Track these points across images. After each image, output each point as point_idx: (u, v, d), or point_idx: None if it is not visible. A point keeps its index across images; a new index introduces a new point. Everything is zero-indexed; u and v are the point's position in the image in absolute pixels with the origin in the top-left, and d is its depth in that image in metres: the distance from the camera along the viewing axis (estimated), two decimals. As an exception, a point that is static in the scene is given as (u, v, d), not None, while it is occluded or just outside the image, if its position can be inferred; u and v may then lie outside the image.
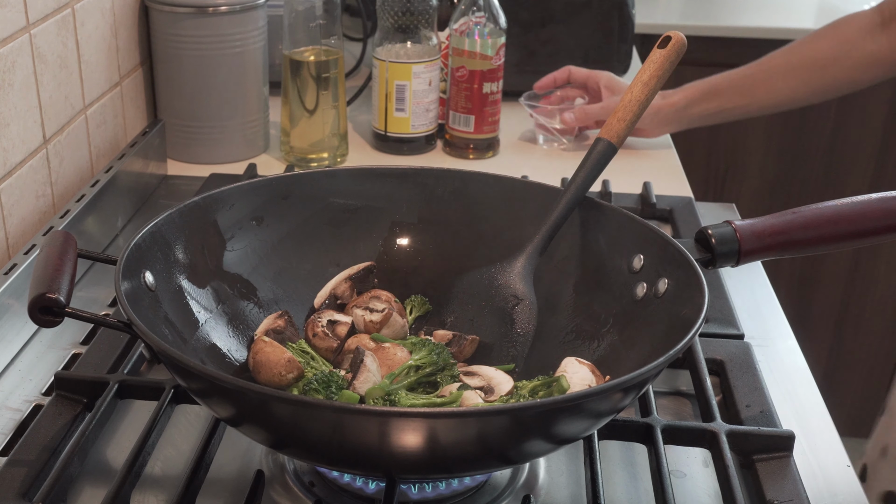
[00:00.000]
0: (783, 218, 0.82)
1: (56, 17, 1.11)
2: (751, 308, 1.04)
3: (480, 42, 1.35)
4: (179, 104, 1.36)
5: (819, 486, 0.79)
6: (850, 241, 0.83)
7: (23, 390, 0.88)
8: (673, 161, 1.44)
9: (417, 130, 1.41)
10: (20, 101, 1.04)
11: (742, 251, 0.80)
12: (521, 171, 1.33)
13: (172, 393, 0.81)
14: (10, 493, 0.72)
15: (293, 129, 1.35)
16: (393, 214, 0.93)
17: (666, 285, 0.79)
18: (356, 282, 0.90)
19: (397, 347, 0.80)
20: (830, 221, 0.82)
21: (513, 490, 0.77)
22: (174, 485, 0.75)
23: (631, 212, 0.87)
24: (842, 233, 0.82)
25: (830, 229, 0.82)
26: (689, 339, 0.68)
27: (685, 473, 0.80)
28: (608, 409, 0.68)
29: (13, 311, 0.92)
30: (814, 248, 0.83)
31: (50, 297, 0.67)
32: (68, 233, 0.77)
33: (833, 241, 0.82)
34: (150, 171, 1.30)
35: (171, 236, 0.82)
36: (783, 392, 0.91)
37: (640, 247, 0.83)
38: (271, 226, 0.90)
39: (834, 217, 0.82)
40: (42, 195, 1.10)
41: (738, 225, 0.81)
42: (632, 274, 0.82)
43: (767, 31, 2.13)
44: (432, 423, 0.61)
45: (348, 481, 0.75)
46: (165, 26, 1.32)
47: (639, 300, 0.81)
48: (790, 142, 2.22)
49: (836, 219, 0.82)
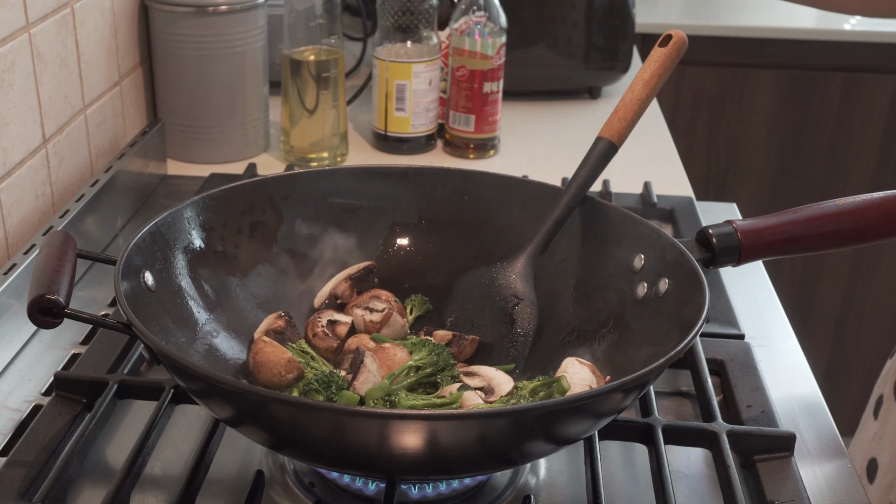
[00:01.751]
0: (784, 217, 0.82)
1: (55, 16, 1.11)
2: (751, 308, 1.04)
3: (480, 42, 1.35)
4: (179, 104, 1.36)
5: (819, 486, 0.79)
6: (851, 241, 0.83)
7: (22, 390, 0.88)
8: (673, 161, 1.44)
9: (417, 130, 1.41)
10: (20, 100, 1.04)
11: (743, 250, 0.80)
12: (522, 170, 1.33)
13: (172, 393, 0.81)
14: (10, 494, 0.72)
15: (293, 128, 1.35)
16: (393, 214, 0.93)
17: (667, 285, 0.79)
18: (356, 281, 0.89)
19: (397, 348, 0.80)
20: (832, 221, 0.82)
21: (513, 490, 0.77)
22: (174, 485, 0.75)
23: (631, 211, 0.87)
24: (843, 232, 0.82)
25: (832, 228, 0.82)
26: (689, 339, 0.68)
27: (686, 473, 0.80)
28: (609, 410, 0.68)
29: (13, 311, 0.92)
30: (815, 247, 0.82)
31: (49, 298, 0.67)
32: (67, 233, 0.77)
33: (835, 241, 0.82)
34: (150, 170, 1.30)
35: (171, 237, 0.81)
36: (784, 392, 0.90)
37: (640, 246, 0.82)
38: (271, 226, 0.89)
39: (835, 216, 0.82)
40: (42, 195, 1.10)
41: (739, 224, 0.81)
42: (633, 274, 0.82)
43: (767, 30, 2.13)
44: (433, 425, 0.61)
45: (348, 482, 0.75)
46: (165, 26, 1.32)
47: (639, 300, 0.81)
48: (790, 142, 2.22)
49: (838, 218, 0.82)
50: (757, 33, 2.14)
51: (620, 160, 0.93)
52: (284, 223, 0.90)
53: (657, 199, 1.23)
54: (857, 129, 2.20)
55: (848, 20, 2.17)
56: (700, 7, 2.31)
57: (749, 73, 2.15)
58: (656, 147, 1.49)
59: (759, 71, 2.15)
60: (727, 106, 2.19)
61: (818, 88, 2.16)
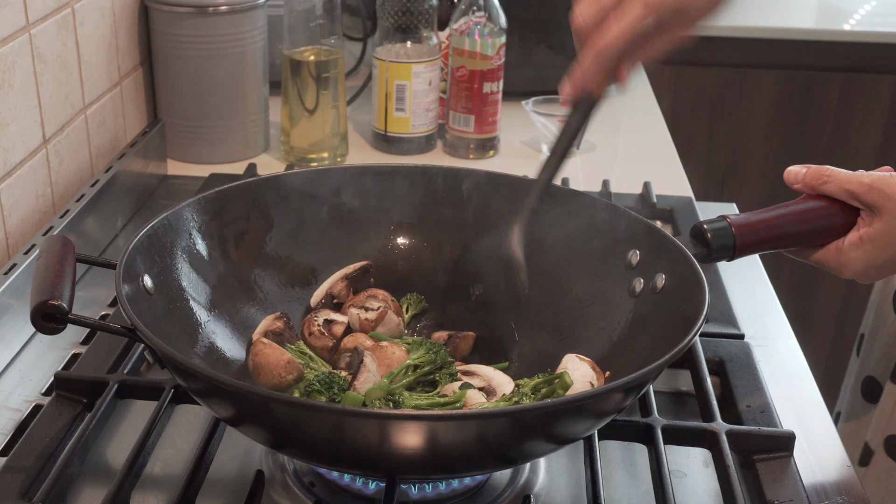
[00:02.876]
0: (777, 212, 0.82)
1: (56, 16, 1.11)
2: (751, 308, 1.04)
3: (480, 42, 1.35)
4: (179, 104, 1.36)
5: (819, 486, 0.79)
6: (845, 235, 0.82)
7: (23, 390, 0.88)
8: (673, 161, 1.44)
9: (417, 130, 1.41)
10: (20, 101, 1.04)
11: (737, 245, 0.81)
12: (521, 170, 1.33)
13: (172, 393, 0.81)
14: (10, 494, 0.72)
15: (293, 128, 1.35)
16: (392, 213, 0.93)
17: (663, 280, 0.79)
18: (353, 281, 0.89)
19: (395, 346, 0.80)
20: (824, 215, 0.82)
21: (513, 490, 0.77)
22: (174, 485, 0.75)
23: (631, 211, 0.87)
24: (837, 226, 0.82)
25: (825, 223, 0.82)
26: (689, 339, 0.68)
27: (685, 473, 0.80)
28: (609, 410, 0.68)
29: (13, 311, 0.92)
30: (809, 241, 0.82)
31: (53, 304, 0.67)
32: (66, 238, 0.77)
33: (828, 235, 0.82)
34: (150, 171, 1.30)
35: (168, 239, 0.81)
36: (783, 392, 0.91)
37: (634, 241, 0.83)
38: (270, 226, 0.89)
39: (827, 211, 0.82)
40: (42, 195, 1.10)
41: (733, 219, 0.81)
42: (629, 270, 0.83)
43: (767, 30, 2.13)
44: (433, 425, 0.61)
45: (348, 482, 0.75)
46: (165, 26, 1.32)
47: (637, 296, 0.81)
48: (790, 142, 2.22)
49: (829, 213, 0.82)
50: (757, 33, 2.13)
51: (620, 160, 0.93)
52: (283, 223, 0.90)
53: (657, 199, 1.23)
54: (856, 129, 2.20)
55: (848, 20, 2.18)
56: (700, 7, 2.31)
57: (749, 73, 2.15)
58: (656, 147, 1.49)
59: (759, 71, 2.15)
60: (727, 106, 2.19)
61: (818, 88, 2.16)
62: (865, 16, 2.22)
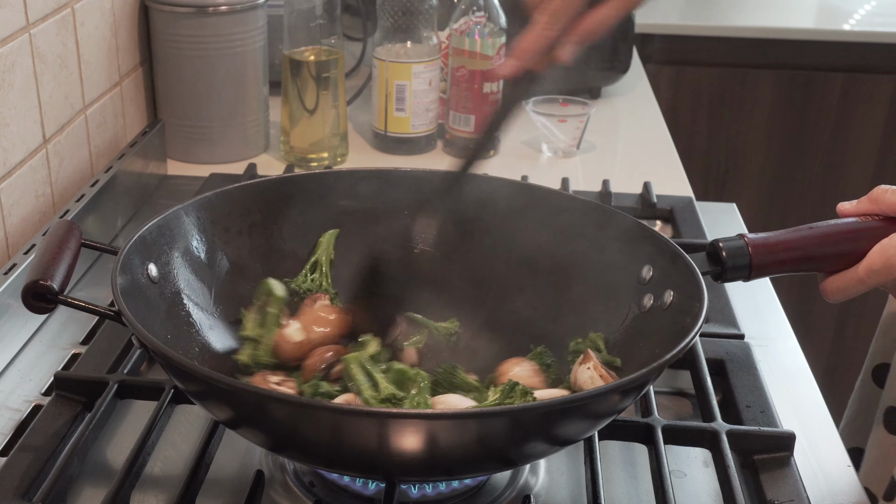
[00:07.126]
0: (798, 233, 0.78)
1: (56, 16, 1.11)
2: (751, 308, 1.04)
3: (480, 42, 1.35)
4: (179, 104, 1.36)
5: (819, 486, 0.79)
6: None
7: (22, 390, 0.88)
8: (673, 161, 1.44)
9: (417, 130, 1.41)
10: (20, 101, 1.04)
11: (753, 265, 0.77)
12: (521, 171, 1.33)
13: (172, 393, 0.81)
14: (10, 494, 0.72)
15: (293, 128, 1.35)
16: (392, 213, 0.93)
17: (672, 297, 0.78)
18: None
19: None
20: (848, 239, 0.78)
21: (513, 490, 0.77)
22: (174, 485, 0.75)
23: (631, 212, 0.86)
24: (860, 251, 0.77)
25: (848, 247, 0.77)
26: (689, 339, 0.68)
27: (685, 473, 0.80)
28: (608, 411, 0.68)
29: (13, 311, 0.92)
30: (830, 265, 0.78)
31: (43, 284, 0.67)
32: (73, 222, 0.77)
33: (850, 259, 0.77)
34: (150, 171, 1.30)
35: (168, 236, 0.81)
36: (783, 392, 0.91)
37: (649, 257, 0.81)
38: (271, 226, 0.90)
39: (852, 235, 0.78)
40: (42, 195, 1.10)
41: (750, 239, 0.78)
42: (641, 285, 0.81)
43: (767, 31, 2.13)
44: (432, 425, 0.61)
45: (348, 482, 0.75)
46: (165, 26, 1.32)
47: (646, 311, 0.80)
48: (790, 141, 2.22)
49: (855, 237, 0.77)
50: (757, 33, 2.14)
51: (620, 160, 0.93)
52: (284, 223, 0.90)
53: (657, 199, 1.23)
54: (856, 129, 2.20)
55: (848, 20, 2.18)
56: (700, 7, 2.31)
57: (749, 73, 2.15)
58: (656, 147, 1.49)
59: (758, 71, 2.15)
60: (727, 106, 2.19)
61: (818, 88, 2.16)
62: (865, 16, 2.22)
